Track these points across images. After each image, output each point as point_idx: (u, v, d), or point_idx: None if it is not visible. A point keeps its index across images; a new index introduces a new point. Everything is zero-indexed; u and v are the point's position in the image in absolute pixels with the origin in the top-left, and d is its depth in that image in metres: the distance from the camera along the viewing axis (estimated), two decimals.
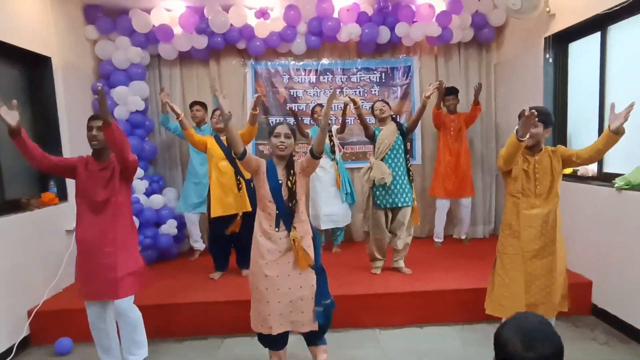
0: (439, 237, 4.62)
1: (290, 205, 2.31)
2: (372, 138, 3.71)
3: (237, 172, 3.64)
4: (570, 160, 2.46)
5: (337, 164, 4.36)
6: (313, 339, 2.49)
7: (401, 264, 3.73)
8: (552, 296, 2.47)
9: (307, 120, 4.74)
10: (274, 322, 2.31)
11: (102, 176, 2.43)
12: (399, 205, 3.58)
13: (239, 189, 3.61)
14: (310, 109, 4.51)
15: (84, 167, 2.46)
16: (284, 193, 2.32)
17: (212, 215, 3.63)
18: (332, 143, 4.30)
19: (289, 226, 2.32)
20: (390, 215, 3.66)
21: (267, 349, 2.49)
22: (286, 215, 2.32)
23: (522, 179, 2.46)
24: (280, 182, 2.33)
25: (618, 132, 2.25)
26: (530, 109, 2.16)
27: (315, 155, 2.29)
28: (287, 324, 2.35)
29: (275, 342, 2.43)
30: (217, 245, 3.79)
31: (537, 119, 2.17)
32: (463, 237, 4.71)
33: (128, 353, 2.55)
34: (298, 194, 2.34)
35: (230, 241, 3.77)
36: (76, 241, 2.50)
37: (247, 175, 3.69)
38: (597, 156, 2.40)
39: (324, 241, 4.51)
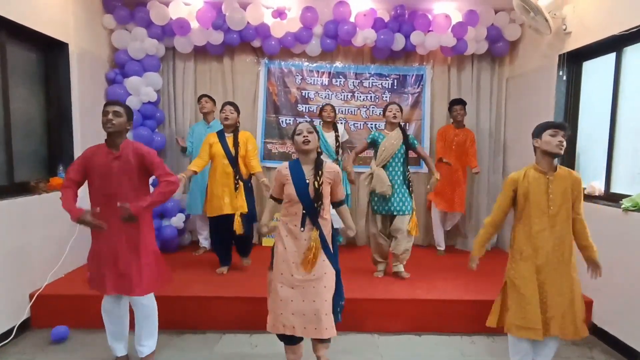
0: (440, 246, 4.64)
1: (316, 204, 2.34)
2: (374, 145, 3.71)
3: (237, 173, 3.64)
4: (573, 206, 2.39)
5: (339, 164, 4.34)
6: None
7: (400, 268, 3.73)
8: (568, 318, 2.35)
9: (314, 120, 4.73)
10: (297, 322, 2.31)
11: (117, 166, 2.36)
12: (395, 213, 3.61)
13: (236, 189, 3.62)
14: (320, 107, 4.56)
15: (95, 158, 2.36)
16: (311, 192, 2.34)
17: (209, 215, 3.72)
18: (337, 144, 4.30)
19: (314, 225, 2.36)
20: (390, 220, 3.69)
21: (284, 343, 2.49)
22: (312, 215, 2.35)
23: (533, 198, 2.36)
24: (307, 181, 2.36)
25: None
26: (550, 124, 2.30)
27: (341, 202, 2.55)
28: (307, 328, 2.32)
29: (293, 337, 2.42)
30: (219, 243, 3.82)
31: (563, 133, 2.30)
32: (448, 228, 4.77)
33: (138, 343, 2.55)
34: (324, 195, 2.37)
35: (230, 237, 3.79)
36: (92, 236, 2.47)
37: (246, 176, 3.72)
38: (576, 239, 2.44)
39: None
